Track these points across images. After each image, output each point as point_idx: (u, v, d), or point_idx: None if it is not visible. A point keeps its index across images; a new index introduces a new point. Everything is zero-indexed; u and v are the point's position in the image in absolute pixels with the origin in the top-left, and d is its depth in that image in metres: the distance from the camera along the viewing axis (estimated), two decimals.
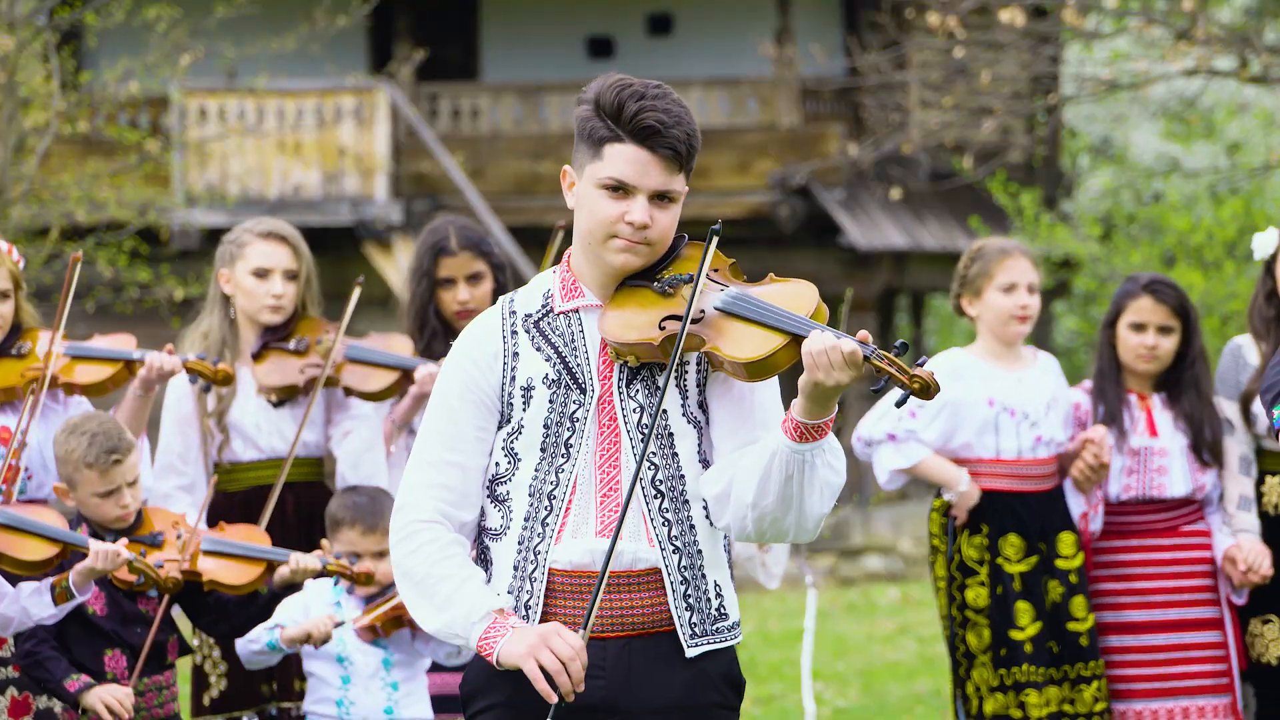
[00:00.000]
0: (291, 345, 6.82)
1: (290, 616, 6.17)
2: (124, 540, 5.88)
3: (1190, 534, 7.04)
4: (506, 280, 7.03)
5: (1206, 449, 7.00)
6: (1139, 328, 7.01)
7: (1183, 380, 7.03)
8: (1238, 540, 6.97)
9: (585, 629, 4.15)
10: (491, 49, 23.59)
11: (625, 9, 23.44)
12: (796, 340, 4.12)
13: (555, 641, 4.11)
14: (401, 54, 21.82)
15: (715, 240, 4.21)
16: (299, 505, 6.89)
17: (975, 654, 7.01)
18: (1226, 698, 7.00)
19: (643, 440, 4.20)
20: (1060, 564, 7.05)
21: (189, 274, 17.60)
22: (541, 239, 21.37)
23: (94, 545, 5.74)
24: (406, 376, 6.77)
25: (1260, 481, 7.07)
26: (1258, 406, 6.92)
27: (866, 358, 4.05)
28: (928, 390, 4.01)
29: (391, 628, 6.25)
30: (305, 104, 20.80)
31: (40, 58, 15.70)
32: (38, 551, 5.74)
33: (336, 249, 20.40)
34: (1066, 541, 7.05)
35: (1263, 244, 7.02)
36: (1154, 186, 24.59)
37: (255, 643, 6.17)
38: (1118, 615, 7.03)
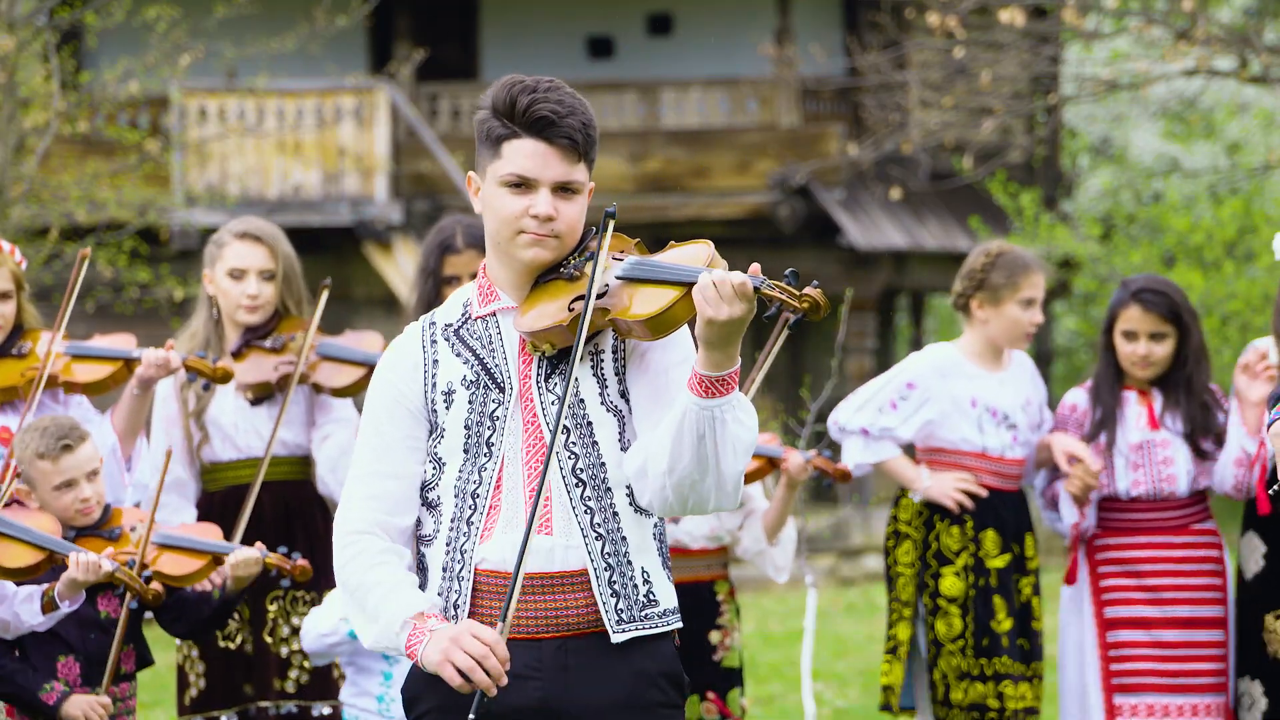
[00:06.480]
0: (268, 343, 6.84)
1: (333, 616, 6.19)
2: (109, 551, 5.84)
3: (1200, 532, 7.10)
4: None
5: (1204, 442, 7.03)
6: (1130, 336, 7.06)
7: (1176, 380, 7.06)
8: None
9: (504, 622, 4.15)
10: (491, 49, 23.59)
11: (625, 9, 23.44)
12: (691, 290, 4.13)
13: (466, 641, 4.12)
14: (401, 54, 21.81)
15: (611, 225, 4.22)
16: (276, 504, 6.90)
17: (944, 642, 7.09)
18: (1222, 696, 7.05)
19: (556, 430, 4.20)
20: (1029, 564, 7.22)
21: (189, 274, 17.60)
22: None
23: (74, 556, 5.71)
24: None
25: None
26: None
27: (757, 288, 4.05)
28: (817, 309, 4.03)
29: None
30: (305, 104, 20.80)
31: (40, 58, 15.70)
32: (20, 558, 5.71)
33: (336, 249, 20.40)
34: (1030, 544, 7.22)
35: None
36: (1154, 186, 24.60)
37: (331, 635, 6.23)
38: (1130, 610, 7.08)
